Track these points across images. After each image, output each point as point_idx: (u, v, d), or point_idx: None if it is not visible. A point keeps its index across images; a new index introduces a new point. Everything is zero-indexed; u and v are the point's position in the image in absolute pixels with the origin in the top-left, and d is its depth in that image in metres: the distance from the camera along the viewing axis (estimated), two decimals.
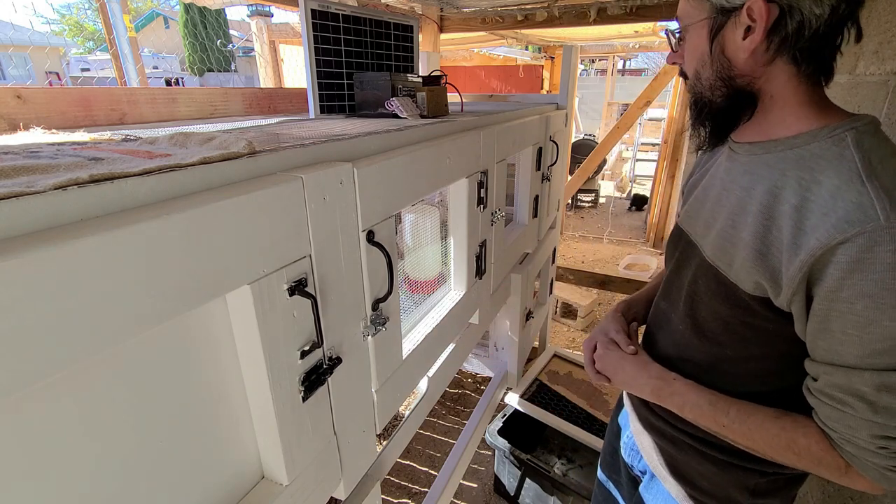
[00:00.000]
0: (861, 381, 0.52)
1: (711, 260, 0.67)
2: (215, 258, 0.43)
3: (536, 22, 2.08)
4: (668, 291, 0.79)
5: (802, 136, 0.58)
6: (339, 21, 1.12)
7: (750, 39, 0.57)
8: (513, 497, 1.71)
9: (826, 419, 0.57)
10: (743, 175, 0.65)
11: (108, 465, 0.41)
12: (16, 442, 0.34)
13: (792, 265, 0.55)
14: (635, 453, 0.92)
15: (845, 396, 0.54)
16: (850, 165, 0.53)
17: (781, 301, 0.58)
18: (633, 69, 17.28)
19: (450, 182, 0.92)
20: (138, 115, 1.01)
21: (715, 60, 0.61)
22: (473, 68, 4.44)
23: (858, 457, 0.55)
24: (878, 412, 0.52)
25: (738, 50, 0.58)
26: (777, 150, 0.61)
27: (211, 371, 0.50)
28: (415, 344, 0.88)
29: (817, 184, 0.54)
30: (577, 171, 3.55)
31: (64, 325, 0.32)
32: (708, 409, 0.66)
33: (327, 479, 0.66)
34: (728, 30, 0.59)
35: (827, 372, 0.56)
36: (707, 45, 0.61)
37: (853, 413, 0.54)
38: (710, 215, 0.70)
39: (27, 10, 19.79)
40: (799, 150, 0.58)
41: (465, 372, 2.49)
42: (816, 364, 0.58)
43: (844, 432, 0.55)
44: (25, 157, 0.45)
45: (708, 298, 0.68)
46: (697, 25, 0.62)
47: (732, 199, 0.66)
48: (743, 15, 0.56)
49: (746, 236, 0.61)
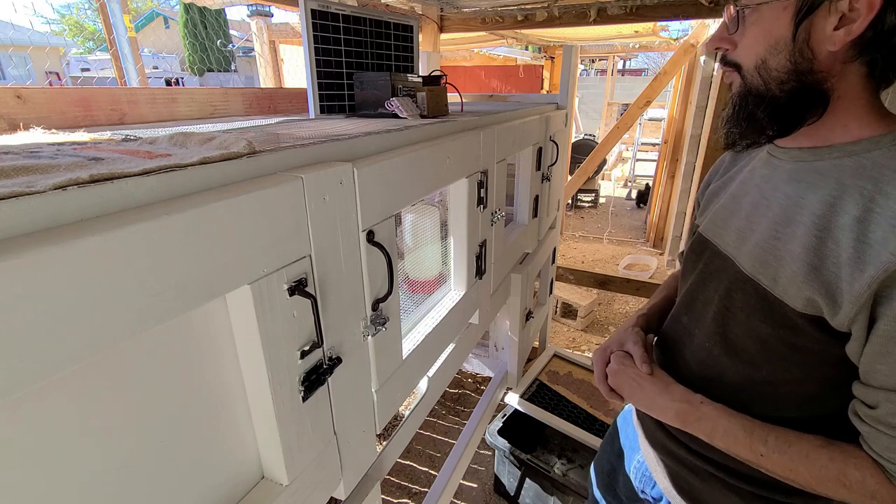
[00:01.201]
0: None
1: (751, 274, 0.61)
2: (215, 258, 0.43)
3: (536, 22, 2.08)
4: (692, 305, 0.72)
5: (862, 143, 0.54)
6: (339, 21, 1.12)
7: (845, 31, 0.49)
8: (513, 497, 1.71)
9: (884, 450, 0.52)
10: (788, 183, 0.60)
11: (108, 465, 0.41)
12: (16, 442, 0.34)
13: (857, 282, 0.50)
14: (648, 479, 0.84)
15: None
16: None
17: (840, 320, 0.52)
18: (633, 69, 17.29)
19: (450, 182, 0.92)
20: (138, 115, 1.01)
21: (795, 50, 0.53)
22: (473, 68, 4.44)
23: None
24: None
25: (825, 41, 0.51)
26: (831, 158, 0.56)
27: (211, 371, 0.50)
28: (415, 344, 0.88)
29: (884, 195, 0.50)
30: (577, 171, 3.56)
31: (64, 326, 0.32)
32: (743, 436, 0.61)
33: (327, 479, 0.66)
34: (819, 16, 0.51)
35: (890, 399, 0.51)
36: (789, 30, 0.53)
37: None
38: (744, 225, 0.64)
39: (27, 10, 19.80)
40: (857, 158, 0.54)
41: (465, 372, 2.49)
42: (875, 390, 0.52)
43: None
44: (25, 157, 0.45)
45: (744, 315, 0.62)
46: (777, 5, 0.53)
47: (775, 208, 0.60)
48: (844, 1, 0.49)
49: (796, 249, 0.56)
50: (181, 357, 0.46)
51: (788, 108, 0.56)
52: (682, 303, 0.76)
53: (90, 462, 0.39)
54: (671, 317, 0.79)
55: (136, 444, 0.43)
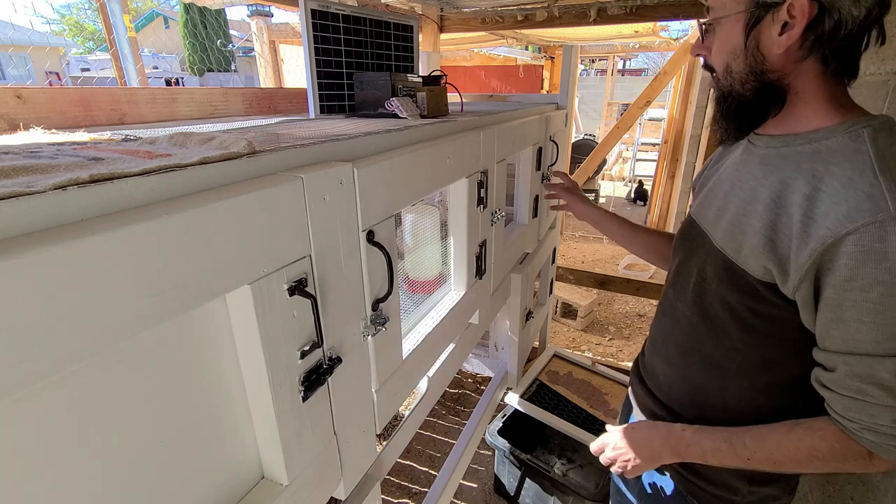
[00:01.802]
0: (882, 368, 0.54)
1: (721, 247, 0.68)
2: (215, 258, 0.43)
3: (536, 22, 2.08)
4: (676, 279, 0.80)
5: (821, 132, 0.60)
6: (339, 21, 1.12)
7: (787, 36, 0.57)
8: (513, 497, 1.71)
9: (845, 411, 0.58)
10: (758, 166, 0.67)
11: (108, 465, 0.41)
12: (16, 442, 0.34)
13: (802, 253, 0.56)
14: None
15: (865, 385, 0.55)
16: (865, 159, 0.54)
17: (788, 288, 0.59)
18: (633, 69, 17.28)
19: (450, 182, 0.92)
20: (138, 115, 1.01)
21: (749, 55, 0.61)
22: (473, 68, 4.44)
23: (880, 443, 0.56)
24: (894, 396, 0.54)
25: (772, 45, 0.59)
26: (795, 145, 0.62)
27: (211, 371, 0.50)
28: (415, 344, 0.88)
29: (830, 175, 0.56)
30: (577, 171, 3.56)
31: (64, 326, 0.32)
32: (726, 447, 0.67)
33: (327, 479, 0.66)
34: (765, 24, 0.59)
35: (847, 362, 0.56)
36: (741, 39, 0.61)
37: (874, 401, 0.55)
38: (721, 204, 0.71)
39: (27, 10, 19.79)
40: (816, 145, 0.60)
41: (465, 372, 2.49)
42: (831, 354, 0.58)
43: (866, 421, 0.56)
44: (25, 157, 0.45)
45: (716, 284, 0.69)
46: (732, 18, 0.61)
47: (745, 188, 0.67)
48: (783, 11, 0.56)
49: (756, 223, 0.63)
50: (181, 357, 0.46)
51: (753, 104, 0.64)
52: (669, 279, 0.84)
53: (90, 462, 0.39)
54: (663, 292, 0.87)
55: (136, 445, 0.43)
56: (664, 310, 0.84)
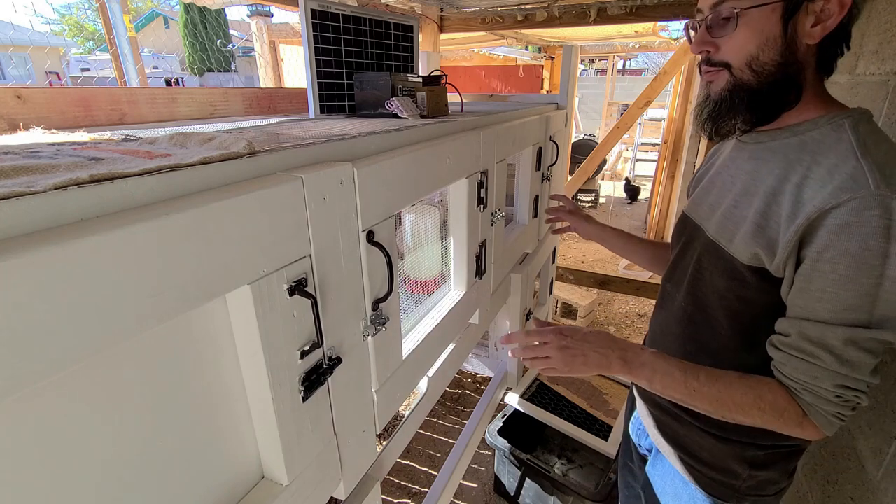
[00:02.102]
0: (833, 335, 0.57)
1: (714, 238, 0.71)
2: (215, 258, 0.43)
3: (536, 22, 2.08)
4: (673, 273, 0.82)
5: (805, 125, 0.64)
6: (339, 21, 1.12)
7: (822, 27, 0.59)
8: (513, 497, 1.71)
9: (792, 371, 0.61)
10: (748, 161, 0.70)
11: (108, 466, 0.41)
12: (16, 442, 0.34)
13: (789, 231, 0.59)
14: (642, 432, 0.96)
15: (815, 349, 0.58)
16: (847, 146, 0.58)
17: (776, 265, 0.61)
18: (633, 69, 17.28)
19: (450, 182, 0.92)
20: (138, 115, 1.01)
21: (785, 44, 0.61)
22: (473, 68, 4.44)
23: (814, 404, 0.60)
24: (843, 364, 0.57)
25: (804, 36, 0.60)
26: (782, 138, 0.65)
27: (211, 371, 0.50)
28: (415, 344, 0.88)
29: (817, 164, 0.59)
30: (577, 171, 3.55)
31: (64, 326, 0.32)
32: (679, 374, 0.68)
33: (327, 479, 0.66)
34: (801, 14, 0.59)
35: (802, 326, 0.59)
36: (779, 28, 0.61)
37: (821, 364, 0.58)
38: (715, 200, 0.74)
39: (27, 10, 19.80)
40: (801, 137, 0.63)
41: (465, 372, 2.49)
42: (790, 320, 0.61)
43: (809, 382, 0.59)
44: (25, 157, 0.45)
45: (709, 274, 0.72)
46: (766, 8, 0.61)
47: (738, 183, 0.70)
48: (819, 2, 0.58)
49: (748, 213, 0.65)
50: (181, 357, 0.46)
51: (772, 97, 0.65)
52: (666, 273, 0.86)
53: (90, 462, 0.39)
54: (661, 285, 0.89)
55: (136, 445, 0.43)
56: (662, 303, 0.86)
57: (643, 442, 0.97)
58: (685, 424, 0.79)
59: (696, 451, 0.79)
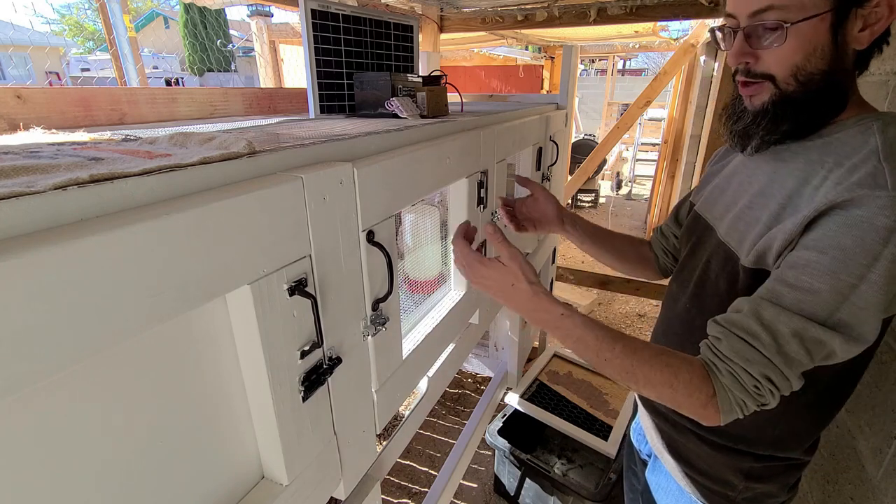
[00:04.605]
0: (786, 321, 0.54)
1: (724, 239, 0.70)
2: (215, 258, 0.43)
3: (536, 22, 2.08)
4: (681, 273, 0.81)
5: (832, 126, 0.62)
6: (339, 21, 1.12)
7: (870, 31, 0.57)
8: (513, 497, 1.71)
9: (726, 349, 0.57)
10: (769, 162, 0.67)
11: (108, 466, 0.41)
12: (16, 442, 0.34)
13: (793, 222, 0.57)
14: (641, 437, 0.95)
15: (760, 330, 0.55)
16: (871, 148, 0.56)
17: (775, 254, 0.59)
18: (633, 69, 17.28)
19: (450, 182, 0.92)
20: (138, 115, 1.01)
21: (836, 52, 0.59)
22: (473, 68, 4.44)
23: (730, 388, 0.56)
24: (779, 354, 0.54)
25: (853, 42, 0.59)
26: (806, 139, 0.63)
27: (211, 371, 0.50)
28: (415, 344, 0.88)
29: (839, 166, 0.57)
30: (577, 171, 3.55)
31: (64, 326, 0.32)
32: (592, 339, 0.62)
33: (327, 479, 0.66)
34: (850, 21, 0.58)
35: (760, 306, 0.56)
36: (828, 38, 0.58)
37: (758, 347, 0.55)
38: (731, 199, 0.72)
39: (27, 10, 19.80)
40: (826, 139, 0.61)
41: (465, 372, 2.49)
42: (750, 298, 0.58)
43: (738, 363, 0.56)
44: (25, 157, 0.45)
45: (715, 276, 0.70)
46: (816, 19, 0.58)
47: (756, 184, 0.68)
48: (868, 7, 0.56)
49: (762, 215, 0.64)
50: (181, 357, 0.46)
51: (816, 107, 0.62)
52: (674, 274, 0.85)
53: (89, 462, 0.39)
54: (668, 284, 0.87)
55: (136, 445, 0.43)
56: (666, 303, 0.85)
57: (643, 447, 0.97)
58: (683, 432, 0.78)
59: (693, 459, 0.78)
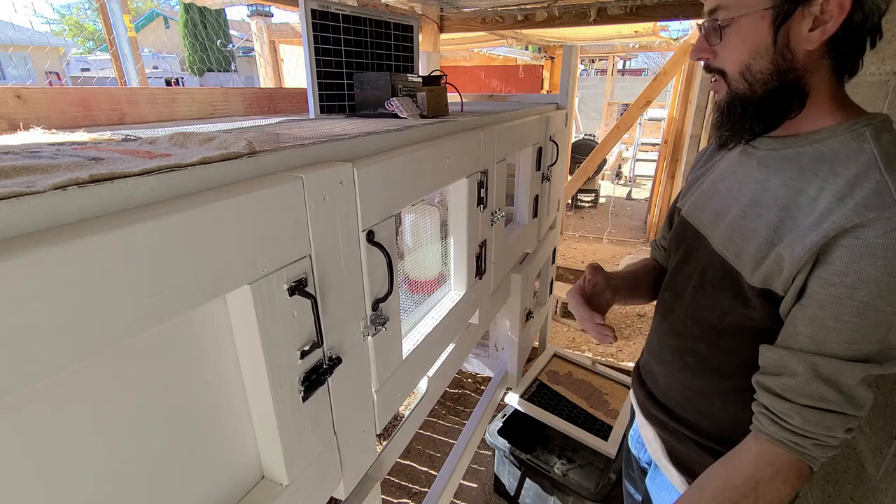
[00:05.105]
0: (850, 373, 0.51)
1: (720, 250, 0.67)
2: (215, 258, 0.43)
3: (536, 22, 2.08)
4: (673, 282, 0.79)
5: (823, 132, 0.59)
6: (339, 21, 1.12)
7: (821, 31, 0.54)
8: (513, 497, 1.71)
9: (803, 423, 0.54)
10: (758, 169, 0.65)
11: (108, 466, 0.41)
12: (16, 442, 0.34)
13: (800, 245, 0.54)
14: (641, 445, 0.94)
15: (826, 389, 0.52)
16: (869, 157, 0.53)
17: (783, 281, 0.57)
18: (633, 69, 17.28)
19: (450, 182, 0.92)
20: (138, 115, 1.01)
21: (777, 52, 0.58)
22: (473, 68, 4.44)
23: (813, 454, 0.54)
24: (851, 403, 0.52)
25: (802, 42, 0.56)
26: (796, 146, 0.61)
27: (211, 371, 0.50)
28: (415, 344, 0.88)
29: (835, 174, 0.55)
30: (577, 171, 3.56)
31: (64, 326, 0.32)
32: None
33: (327, 479, 0.66)
34: (794, 21, 0.56)
35: (814, 363, 0.53)
36: (769, 36, 0.57)
37: (832, 408, 0.52)
38: (720, 207, 0.70)
39: (27, 10, 19.80)
40: (818, 146, 0.58)
41: (465, 372, 2.49)
42: (794, 353, 0.55)
43: (819, 433, 0.53)
44: (25, 157, 0.45)
45: (712, 288, 0.68)
46: (756, 15, 0.58)
47: (746, 192, 0.66)
48: (815, 6, 0.54)
49: (759, 227, 0.61)
50: (181, 357, 0.46)
51: (772, 106, 0.61)
52: (666, 281, 0.82)
53: (89, 462, 0.39)
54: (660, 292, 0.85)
55: (136, 445, 0.43)
56: (660, 311, 0.83)
57: (642, 455, 0.95)
58: (684, 440, 0.77)
59: (695, 468, 0.76)
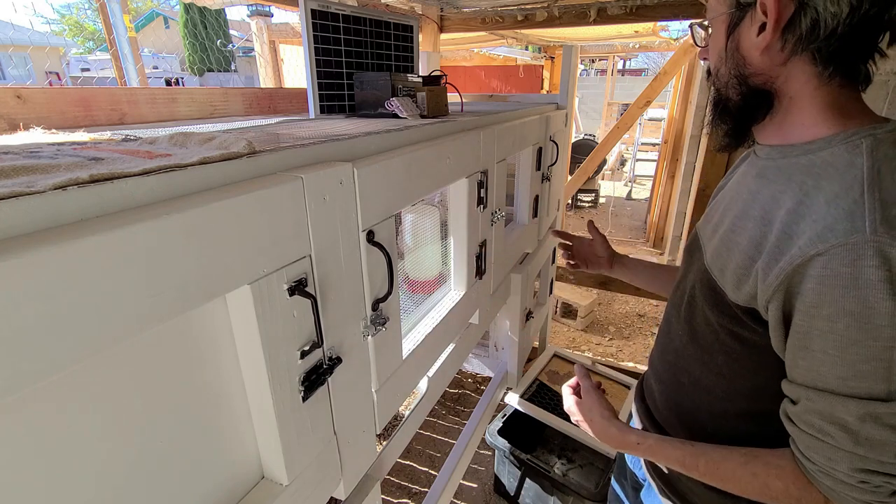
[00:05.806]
0: (845, 409, 0.49)
1: (708, 265, 0.65)
2: (215, 258, 0.43)
3: (536, 22, 2.08)
4: (674, 296, 0.77)
5: (817, 143, 0.55)
6: (339, 21, 1.12)
7: (762, 37, 0.54)
8: (513, 497, 1.71)
9: (805, 448, 0.54)
10: (754, 180, 0.63)
11: (108, 466, 0.41)
12: (16, 442, 0.34)
13: (771, 272, 0.52)
14: (636, 461, 0.92)
15: (826, 425, 0.51)
16: (856, 174, 0.49)
17: (761, 306, 0.55)
18: (633, 69, 17.28)
19: (450, 182, 0.92)
20: (138, 115, 1.01)
21: (730, 57, 0.59)
22: (473, 68, 4.44)
23: (836, 490, 0.52)
24: (859, 443, 0.49)
25: (751, 47, 0.57)
26: (792, 156, 0.58)
27: (211, 371, 0.50)
28: (415, 344, 0.88)
29: (818, 189, 0.52)
30: (577, 171, 3.55)
31: (64, 326, 0.32)
32: (677, 463, 0.66)
33: (327, 479, 0.66)
34: (744, 25, 0.57)
35: (809, 397, 0.52)
36: (724, 41, 0.59)
37: (833, 443, 0.51)
38: (719, 219, 0.68)
39: (27, 10, 19.81)
40: (811, 157, 0.55)
41: (465, 372, 2.49)
42: (796, 386, 0.54)
43: (823, 464, 0.52)
44: (25, 157, 0.45)
45: (701, 304, 0.66)
46: (719, 20, 0.59)
47: (739, 203, 0.64)
48: (758, 11, 0.54)
49: (743, 241, 0.59)
50: (181, 357, 0.46)
51: (741, 109, 0.61)
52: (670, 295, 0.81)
53: (89, 462, 0.39)
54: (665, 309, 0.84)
55: (136, 445, 0.43)
56: (663, 324, 0.81)
57: (637, 471, 0.92)
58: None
59: (686, 493, 0.74)
